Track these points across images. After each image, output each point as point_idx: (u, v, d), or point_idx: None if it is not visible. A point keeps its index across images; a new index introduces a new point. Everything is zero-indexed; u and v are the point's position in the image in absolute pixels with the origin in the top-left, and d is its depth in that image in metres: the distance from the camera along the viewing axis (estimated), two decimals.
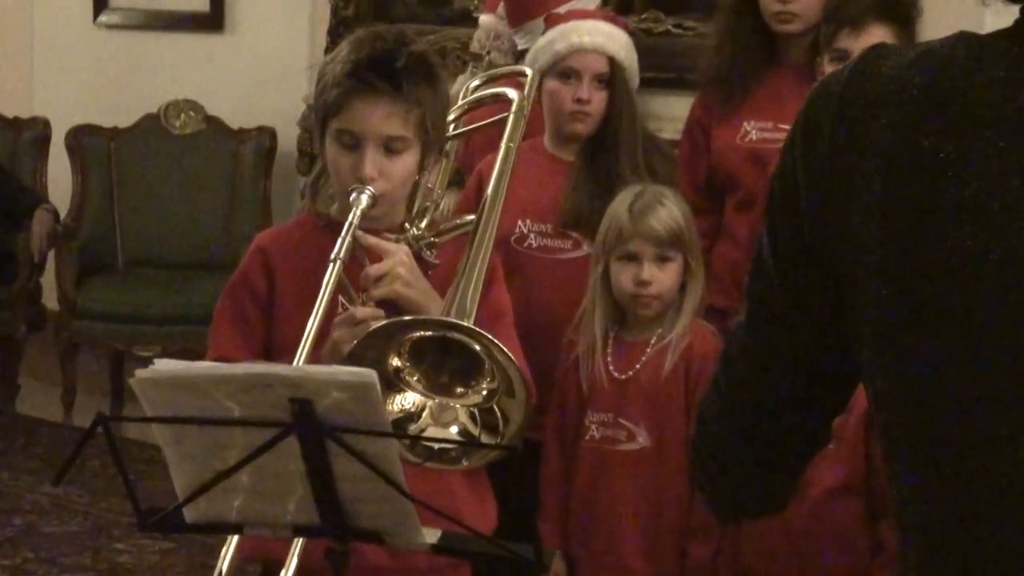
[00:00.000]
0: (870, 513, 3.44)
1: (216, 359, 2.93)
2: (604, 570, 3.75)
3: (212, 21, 7.77)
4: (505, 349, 2.65)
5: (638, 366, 3.73)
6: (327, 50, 6.13)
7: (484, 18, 5.05)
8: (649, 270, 3.69)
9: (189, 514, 2.40)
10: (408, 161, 2.94)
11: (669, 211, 3.72)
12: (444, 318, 2.71)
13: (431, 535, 2.47)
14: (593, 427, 3.73)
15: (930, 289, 1.47)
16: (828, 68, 3.87)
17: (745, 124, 4.36)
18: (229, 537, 2.62)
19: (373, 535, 2.45)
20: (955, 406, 1.47)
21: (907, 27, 3.98)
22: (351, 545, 2.47)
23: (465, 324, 2.68)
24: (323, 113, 2.99)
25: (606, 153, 4.07)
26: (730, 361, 1.74)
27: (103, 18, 8.05)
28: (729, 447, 1.74)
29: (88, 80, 8.04)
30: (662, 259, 3.70)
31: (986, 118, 1.45)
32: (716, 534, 3.68)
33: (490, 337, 2.65)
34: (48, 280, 7.53)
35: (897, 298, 1.49)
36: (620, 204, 3.76)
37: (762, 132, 4.33)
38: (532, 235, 4.08)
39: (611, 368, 3.73)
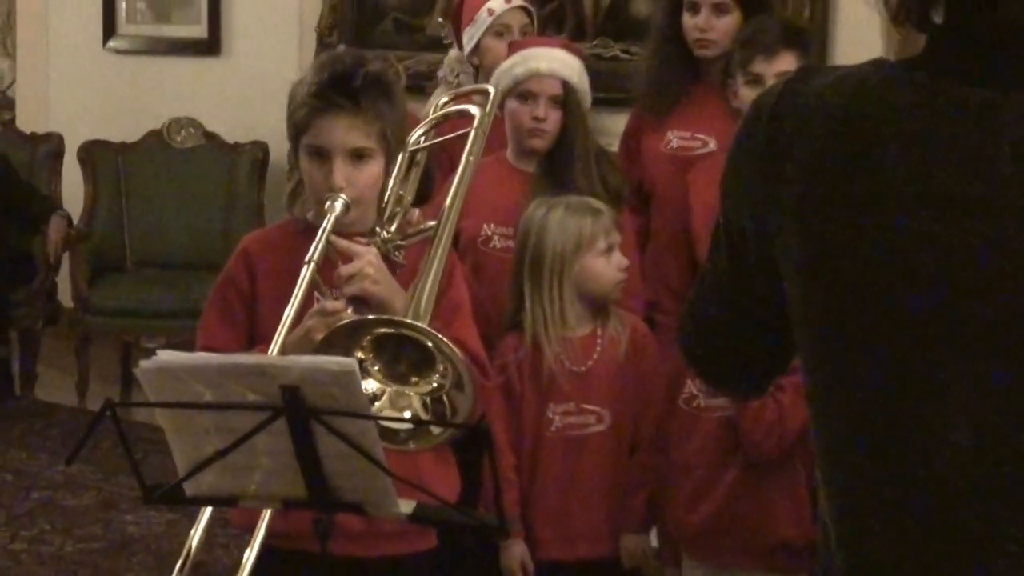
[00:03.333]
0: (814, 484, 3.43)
1: (204, 348, 2.92)
2: (574, 540, 3.73)
3: (210, 46, 7.69)
4: (453, 347, 2.64)
5: (595, 357, 3.72)
6: None
7: (453, 51, 5.09)
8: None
9: (189, 489, 2.39)
10: (374, 169, 2.94)
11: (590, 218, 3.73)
12: (401, 318, 2.69)
13: (407, 506, 2.45)
14: (556, 417, 3.70)
15: (842, 275, 1.49)
16: (742, 89, 3.94)
17: (669, 133, 4.41)
18: (202, 509, 2.59)
19: (355, 507, 2.43)
20: (860, 366, 1.50)
21: (807, 52, 4.04)
22: (334, 515, 2.45)
23: (418, 324, 2.67)
24: (294, 130, 2.98)
25: (562, 165, 4.06)
26: (701, 300, 1.77)
27: (112, 44, 7.99)
28: (711, 359, 1.81)
29: (98, 99, 7.98)
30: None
31: (893, 135, 1.46)
32: (649, 490, 3.70)
33: (439, 336, 2.64)
34: (63, 279, 7.43)
35: (815, 285, 1.51)
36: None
37: (681, 140, 4.39)
38: (496, 237, 4.08)
39: (567, 361, 3.70)
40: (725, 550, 3.53)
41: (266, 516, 2.69)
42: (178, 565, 2.60)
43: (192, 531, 2.62)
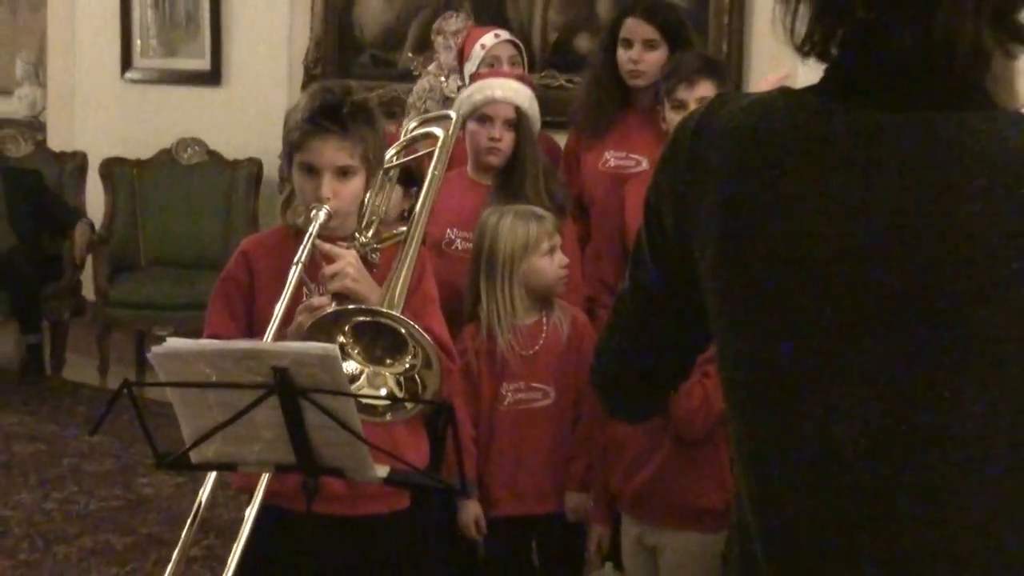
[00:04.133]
0: None
1: (210, 335, 2.91)
2: (524, 498, 3.73)
3: (212, 77, 7.67)
4: (423, 332, 2.65)
5: (541, 342, 3.70)
6: None
7: (421, 81, 5.08)
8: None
9: (195, 456, 2.41)
10: (356, 184, 2.92)
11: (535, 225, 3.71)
12: (376, 308, 2.70)
13: (382, 471, 2.47)
14: (508, 394, 3.70)
15: (749, 275, 1.47)
16: (669, 113, 3.92)
17: (606, 153, 4.39)
18: (207, 473, 2.59)
19: (337, 471, 2.45)
20: (766, 352, 1.48)
21: (724, 81, 4.02)
22: (320, 479, 2.47)
23: (392, 313, 2.68)
24: (289, 149, 2.97)
25: (514, 179, 4.04)
26: (618, 319, 1.73)
27: (129, 75, 7.97)
28: (619, 374, 1.74)
29: (117, 122, 7.97)
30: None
31: (794, 151, 1.45)
32: (589, 456, 3.70)
33: (411, 323, 2.66)
34: (86, 277, 7.44)
35: (728, 279, 1.50)
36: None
37: (617, 160, 4.38)
38: (458, 240, 4.06)
39: (516, 346, 3.69)
40: (658, 512, 3.51)
41: (265, 479, 2.68)
42: (189, 521, 2.59)
43: (200, 492, 2.61)
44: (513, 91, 4.14)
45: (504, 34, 4.79)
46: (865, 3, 1.42)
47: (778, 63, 3.79)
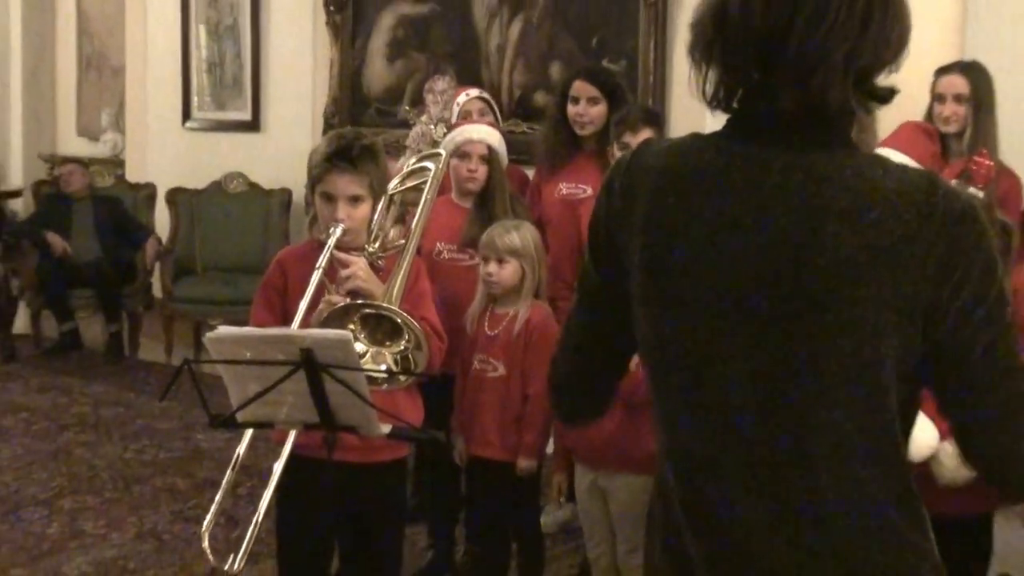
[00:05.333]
0: None
1: (255, 325, 2.91)
2: (480, 444, 3.70)
3: (253, 125, 7.61)
4: (414, 321, 2.65)
5: (501, 328, 3.67)
6: None
7: (415, 128, 5.08)
8: (492, 267, 3.65)
9: (240, 417, 2.42)
10: (364, 208, 2.91)
11: (512, 235, 3.67)
12: (378, 303, 2.70)
13: (385, 428, 2.48)
14: (476, 362, 3.69)
15: (666, 276, 1.47)
16: (617, 152, 3.90)
17: (560, 185, 4.39)
18: (244, 432, 2.59)
19: (351, 428, 2.45)
20: (672, 335, 1.49)
21: (662, 128, 4.03)
22: (337, 434, 2.47)
23: (391, 307, 2.68)
24: (312, 182, 2.97)
25: (488, 203, 4.03)
26: (569, 328, 1.70)
27: (188, 124, 7.92)
28: (569, 375, 1.71)
29: (179, 160, 7.91)
30: (500, 261, 3.65)
31: (701, 180, 1.45)
32: (539, 427, 3.64)
33: (405, 315, 2.65)
34: (155, 279, 7.43)
35: (647, 279, 1.49)
36: (487, 231, 3.74)
37: (569, 188, 4.37)
38: (445, 251, 4.04)
39: (486, 329, 3.70)
40: (610, 461, 3.47)
41: (293, 435, 2.69)
42: (231, 465, 2.63)
43: (239, 445, 2.65)
44: (486, 134, 4.14)
45: (475, 92, 4.78)
46: (758, 69, 1.42)
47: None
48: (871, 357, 1.38)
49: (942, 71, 4.14)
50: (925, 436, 2.74)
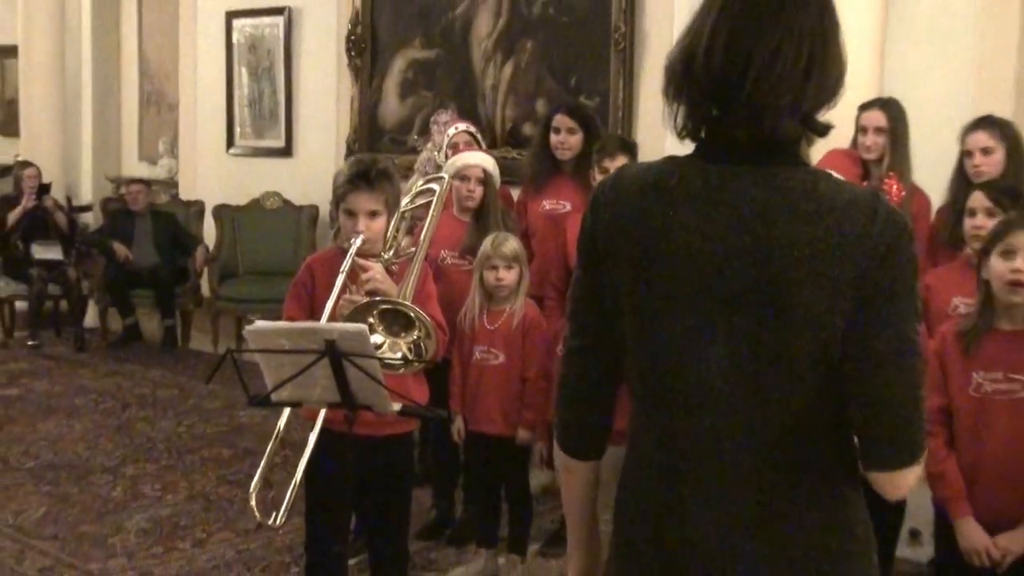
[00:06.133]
0: None
1: (287, 319, 2.88)
2: (484, 422, 3.71)
3: (286, 152, 7.59)
4: (425, 315, 2.63)
5: (500, 322, 3.68)
6: None
7: (423, 154, 5.05)
8: (502, 273, 3.68)
9: (275, 397, 2.41)
10: (381, 222, 2.90)
11: (511, 244, 3.71)
12: (394, 300, 2.69)
13: (396, 406, 2.47)
14: (477, 353, 3.69)
15: (647, 276, 1.46)
16: (598, 175, 3.88)
17: (544, 202, 4.39)
18: (283, 409, 2.58)
19: (367, 407, 2.45)
20: (653, 327, 1.46)
21: (634, 155, 4.00)
22: (357, 411, 2.46)
23: (405, 303, 2.67)
24: (336, 199, 2.96)
25: (484, 218, 4.03)
26: (567, 359, 1.61)
27: (231, 150, 7.91)
28: (569, 377, 1.61)
29: (223, 181, 7.89)
30: (508, 267, 3.69)
31: (676, 197, 1.44)
32: (536, 406, 3.64)
33: (417, 310, 2.64)
34: (204, 281, 7.41)
35: (633, 280, 1.47)
36: (487, 241, 3.74)
37: (551, 205, 4.37)
38: (448, 258, 4.03)
39: (486, 324, 3.70)
40: None
41: (322, 413, 2.67)
42: (273, 438, 2.61)
43: (279, 420, 2.64)
44: (481, 159, 4.14)
45: (463, 126, 4.72)
46: (717, 108, 1.42)
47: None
48: (829, 339, 1.38)
49: (865, 107, 4.13)
50: None
